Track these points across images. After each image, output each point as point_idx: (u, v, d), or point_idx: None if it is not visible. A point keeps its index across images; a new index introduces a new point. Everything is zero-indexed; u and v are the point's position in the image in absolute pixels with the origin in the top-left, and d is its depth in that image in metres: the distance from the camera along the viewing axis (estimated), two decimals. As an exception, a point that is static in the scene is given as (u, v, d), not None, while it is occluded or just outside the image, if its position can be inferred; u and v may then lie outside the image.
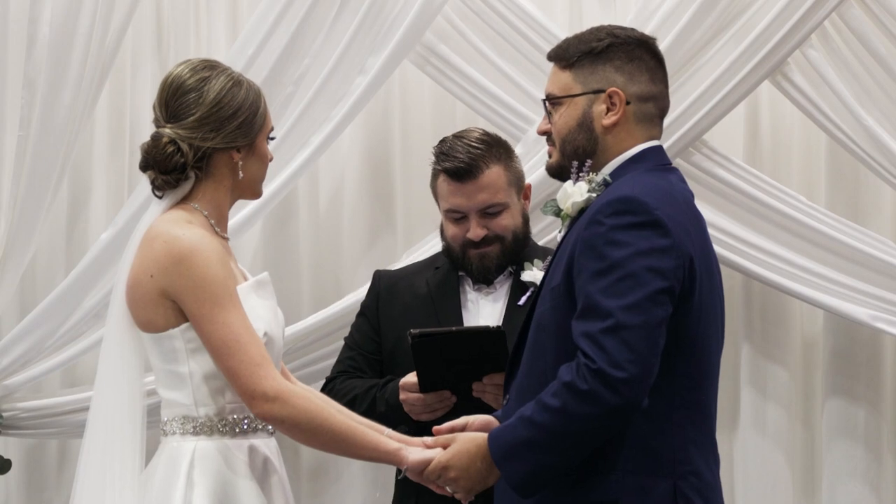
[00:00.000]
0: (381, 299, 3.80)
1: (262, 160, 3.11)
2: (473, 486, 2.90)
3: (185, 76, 3.05)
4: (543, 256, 3.73)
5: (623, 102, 2.91)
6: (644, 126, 2.93)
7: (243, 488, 2.99)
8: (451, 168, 3.66)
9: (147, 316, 2.99)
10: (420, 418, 3.51)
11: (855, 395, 4.61)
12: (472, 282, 3.74)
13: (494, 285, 3.74)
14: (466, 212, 3.67)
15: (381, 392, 3.63)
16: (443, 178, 3.69)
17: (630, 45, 2.94)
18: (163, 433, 3.06)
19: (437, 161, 3.70)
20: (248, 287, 3.06)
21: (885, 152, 4.38)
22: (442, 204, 3.72)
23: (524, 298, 3.66)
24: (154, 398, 3.11)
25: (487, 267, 3.69)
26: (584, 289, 2.73)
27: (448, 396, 3.52)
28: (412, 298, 3.76)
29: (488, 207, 3.66)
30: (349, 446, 3.02)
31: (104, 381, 3.06)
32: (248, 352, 2.93)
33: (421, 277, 3.80)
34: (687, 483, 2.80)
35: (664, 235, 2.74)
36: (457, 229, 3.69)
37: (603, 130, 2.92)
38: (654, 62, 2.95)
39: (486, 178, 3.65)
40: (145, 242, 3.00)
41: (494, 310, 3.72)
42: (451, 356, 3.46)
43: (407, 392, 3.54)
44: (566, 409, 2.70)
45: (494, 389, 3.47)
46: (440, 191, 3.71)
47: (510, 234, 3.69)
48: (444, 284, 3.75)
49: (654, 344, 2.69)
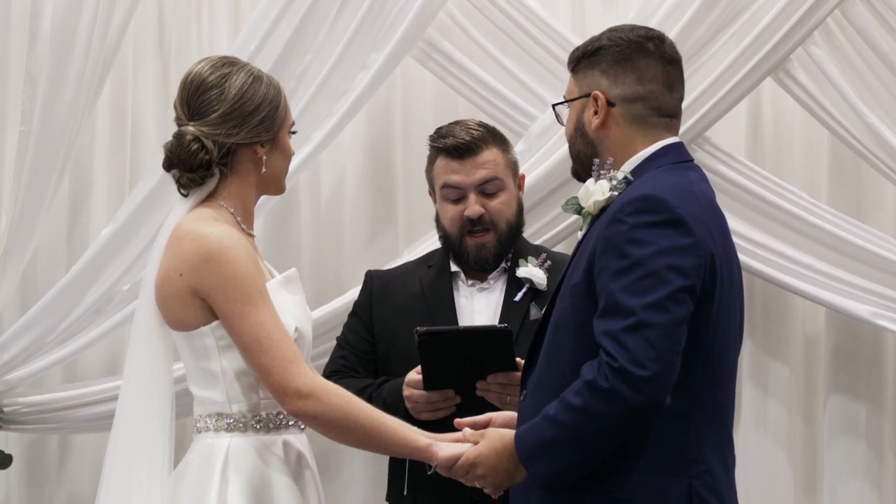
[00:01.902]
0: (374, 299, 3.81)
1: (284, 154, 3.12)
2: (501, 483, 2.93)
3: (205, 73, 3.04)
4: (536, 254, 3.75)
5: (604, 105, 2.92)
6: (640, 126, 2.93)
7: (279, 483, 2.99)
8: (451, 145, 3.69)
9: (177, 314, 2.99)
10: (421, 417, 3.50)
11: (856, 393, 4.61)
12: (465, 277, 3.75)
13: (488, 280, 3.75)
14: (465, 188, 3.69)
15: (377, 392, 3.62)
16: (441, 157, 3.72)
17: (620, 47, 2.94)
18: (195, 430, 3.05)
19: (435, 142, 3.74)
20: (278, 283, 3.07)
21: (888, 149, 4.38)
22: (439, 184, 3.74)
23: (520, 295, 3.69)
24: (181, 385, 3.10)
25: (485, 258, 3.71)
26: (606, 287, 2.74)
27: (452, 396, 3.51)
28: (405, 297, 3.76)
29: (487, 183, 3.69)
30: (381, 442, 3.02)
31: (132, 380, 3.05)
32: (280, 349, 2.93)
33: (413, 276, 3.81)
34: (702, 482, 2.80)
35: (686, 234, 2.74)
36: (454, 209, 3.71)
37: (594, 133, 2.94)
38: (648, 62, 2.94)
39: (486, 156, 3.70)
40: (173, 241, 3.00)
41: (489, 305, 3.73)
42: (456, 354, 3.46)
43: (411, 389, 3.53)
44: (588, 407, 2.70)
45: (499, 388, 3.47)
46: (437, 170, 3.74)
47: (504, 222, 3.71)
48: (438, 282, 3.76)
49: (675, 342, 2.70)
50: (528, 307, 3.68)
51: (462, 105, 4.61)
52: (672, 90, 2.97)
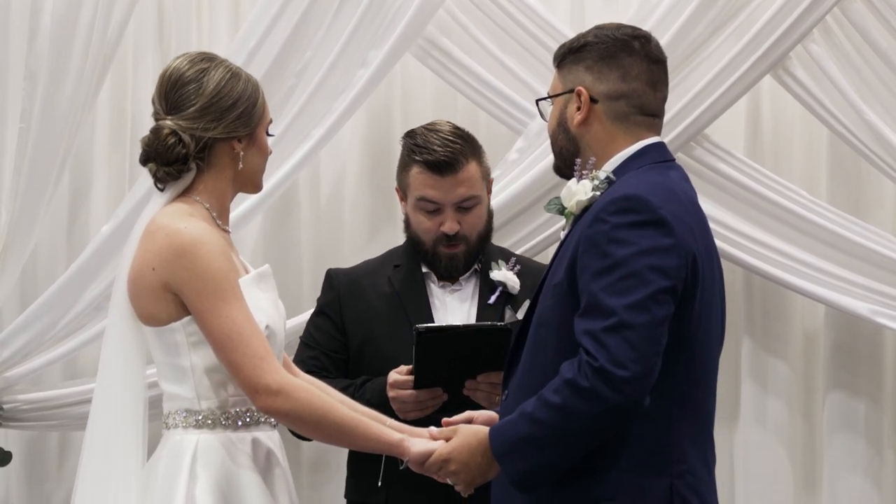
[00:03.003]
0: (343, 298, 3.78)
1: (262, 152, 3.12)
2: (474, 480, 2.92)
3: (183, 68, 3.05)
4: (504, 256, 3.77)
5: (587, 101, 2.92)
6: (623, 124, 2.93)
7: (246, 481, 3.00)
8: (431, 161, 3.66)
9: (149, 309, 2.99)
10: (408, 416, 3.48)
11: (856, 390, 4.61)
12: (436, 279, 3.76)
13: (460, 282, 3.76)
14: (443, 205, 3.68)
15: (359, 392, 3.60)
16: (419, 170, 3.69)
17: (605, 44, 2.94)
18: (165, 426, 3.06)
19: (413, 152, 3.70)
20: (250, 279, 3.06)
21: (887, 146, 4.38)
22: (414, 195, 3.72)
23: (494, 297, 3.70)
24: (155, 390, 3.11)
25: (455, 266, 3.72)
26: (587, 287, 2.74)
27: (440, 394, 3.52)
28: (377, 297, 3.75)
29: (465, 201, 3.69)
30: (353, 438, 3.03)
31: (106, 375, 3.06)
32: (250, 345, 2.92)
33: (381, 276, 3.79)
34: (683, 482, 2.80)
35: (667, 234, 2.74)
36: (430, 223, 3.70)
37: (576, 129, 2.94)
38: (633, 60, 2.93)
39: (465, 173, 3.68)
40: (147, 235, 3.00)
41: (462, 308, 3.74)
42: (453, 353, 3.46)
43: (397, 389, 3.53)
44: (567, 406, 2.70)
45: (488, 388, 3.48)
46: (414, 182, 3.71)
47: (476, 234, 3.72)
48: (410, 282, 3.75)
49: (656, 343, 2.70)
50: (504, 310, 3.69)
51: (461, 102, 4.61)
52: (656, 89, 2.96)
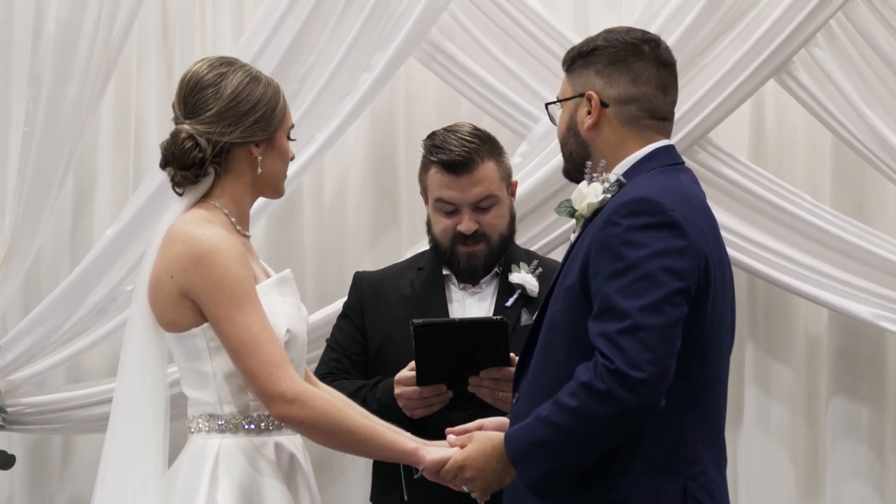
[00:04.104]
0: (366, 300, 3.80)
1: (281, 156, 3.10)
2: (489, 486, 2.92)
3: (202, 72, 3.05)
4: (528, 260, 3.76)
5: (598, 105, 2.92)
6: (633, 128, 2.93)
7: (268, 486, 3.00)
8: (446, 160, 3.66)
9: (169, 316, 2.99)
10: (414, 414, 3.51)
11: (859, 394, 4.61)
12: (457, 281, 3.76)
13: (480, 285, 3.76)
14: (460, 205, 3.68)
15: (371, 392, 3.62)
16: (436, 171, 3.69)
17: (616, 48, 2.94)
18: (189, 431, 3.06)
19: (430, 153, 3.71)
20: (271, 284, 3.06)
21: (890, 151, 4.38)
22: (433, 196, 3.72)
23: (512, 300, 3.69)
24: (175, 388, 3.12)
25: (475, 266, 3.72)
26: (601, 289, 2.74)
27: (444, 391, 3.52)
28: (397, 300, 3.76)
29: (482, 201, 3.68)
30: (368, 447, 3.03)
31: (127, 381, 3.06)
32: (266, 352, 2.92)
33: (404, 279, 3.80)
34: (696, 483, 2.81)
35: (680, 236, 2.75)
36: (448, 222, 3.71)
37: (587, 133, 2.94)
38: (643, 64, 2.93)
39: (482, 172, 3.67)
40: (166, 242, 3.00)
41: (481, 310, 3.73)
42: (452, 347, 3.47)
43: (402, 386, 3.54)
44: (584, 409, 2.71)
45: (491, 384, 3.48)
46: (432, 183, 3.71)
47: (497, 234, 3.71)
48: (430, 285, 3.76)
49: (671, 344, 2.71)
50: (520, 312, 3.69)
51: (465, 106, 4.62)
52: (666, 93, 2.96)
